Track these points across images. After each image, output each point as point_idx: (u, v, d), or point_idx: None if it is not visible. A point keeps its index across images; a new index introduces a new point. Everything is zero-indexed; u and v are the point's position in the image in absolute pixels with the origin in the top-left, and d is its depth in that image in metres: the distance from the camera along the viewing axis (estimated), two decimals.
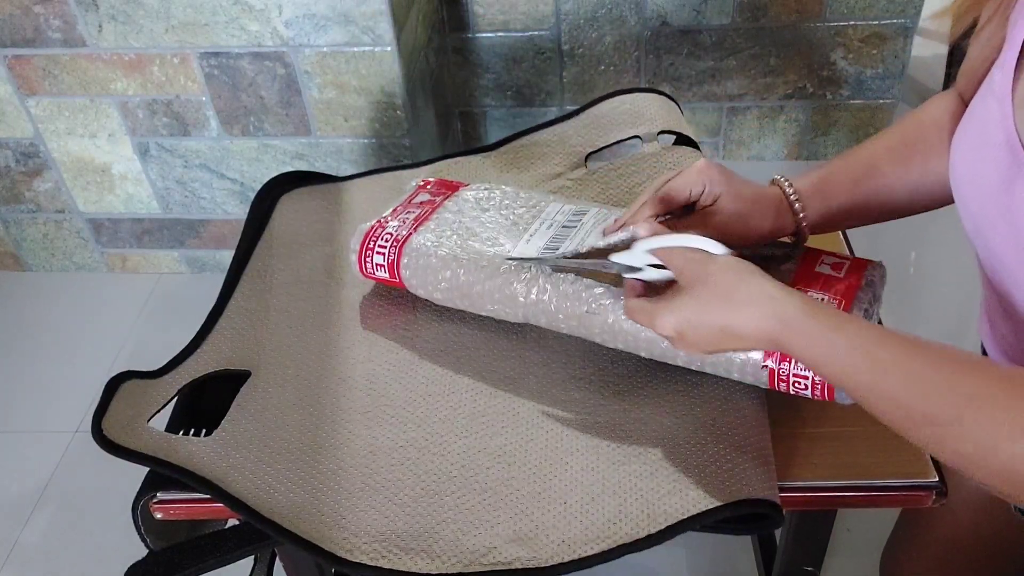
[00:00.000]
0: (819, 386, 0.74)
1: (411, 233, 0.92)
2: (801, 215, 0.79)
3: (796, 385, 0.75)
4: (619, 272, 0.76)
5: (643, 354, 0.82)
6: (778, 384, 0.76)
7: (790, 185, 0.80)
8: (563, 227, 0.89)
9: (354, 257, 0.93)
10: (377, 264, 0.92)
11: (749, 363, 0.76)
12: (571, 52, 2.11)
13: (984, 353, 0.81)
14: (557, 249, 0.86)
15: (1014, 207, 0.60)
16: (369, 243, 0.92)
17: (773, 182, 0.81)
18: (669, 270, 0.72)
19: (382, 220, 0.94)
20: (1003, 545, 0.86)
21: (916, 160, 0.78)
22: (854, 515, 1.45)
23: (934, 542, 0.91)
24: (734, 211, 0.78)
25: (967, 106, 0.73)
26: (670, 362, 0.81)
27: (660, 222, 0.78)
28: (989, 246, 0.65)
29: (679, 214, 0.80)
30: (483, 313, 0.89)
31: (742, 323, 0.64)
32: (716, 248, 0.71)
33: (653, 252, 0.74)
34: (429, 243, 0.90)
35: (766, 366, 0.75)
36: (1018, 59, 0.62)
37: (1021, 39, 0.61)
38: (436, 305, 0.94)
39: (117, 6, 1.64)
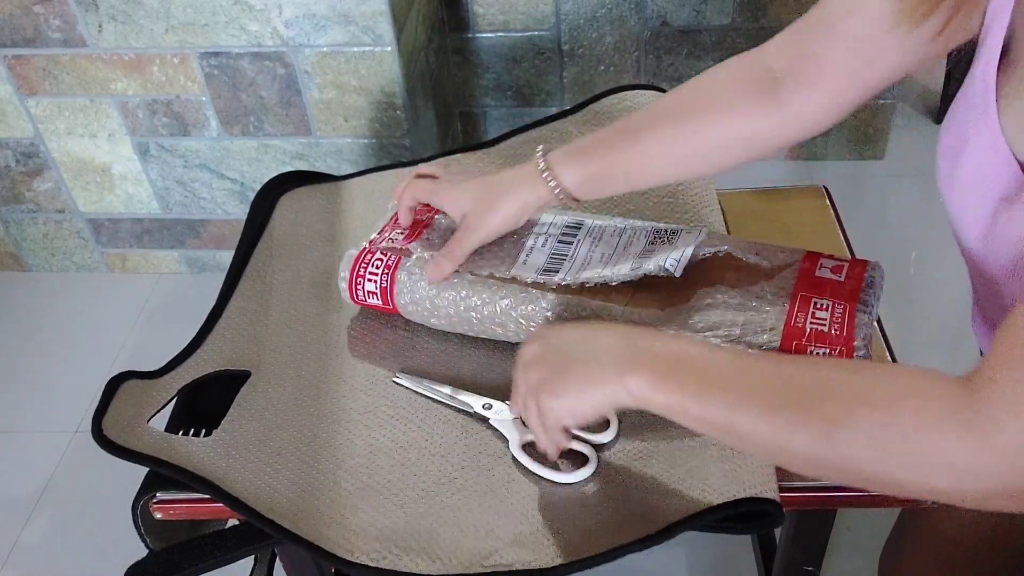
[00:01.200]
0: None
1: (401, 257, 0.88)
2: (552, 184, 0.81)
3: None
4: None
5: None
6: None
7: (543, 157, 0.81)
8: (559, 242, 0.88)
9: (344, 285, 0.90)
10: (369, 291, 0.88)
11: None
12: (571, 52, 2.11)
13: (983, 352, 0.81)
14: (556, 272, 0.84)
15: (997, 205, 0.59)
16: (359, 269, 0.88)
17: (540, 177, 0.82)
18: None
19: (370, 244, 0.90)
20: (1005, 543, 0.86)
21: (682, 129, 0.79)
22: (854, 515, 1.45)
23: (935, 540, 0.91)
24: (467, 210, 0.84)
25: (764, 73, 0.75)
26: None
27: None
28: (971, 245, 0.65)
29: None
30: (485, 336, 0.87)
31: (602, 347, 0.68)
32: None
33: None
34: (423, 267, 0.86)
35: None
36: (1001, 55, 0.61)
37: (1003, 34, 0.60)
38: None
39: (117, 6, 1.64)
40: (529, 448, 0.79)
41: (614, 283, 0.81)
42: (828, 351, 0.74)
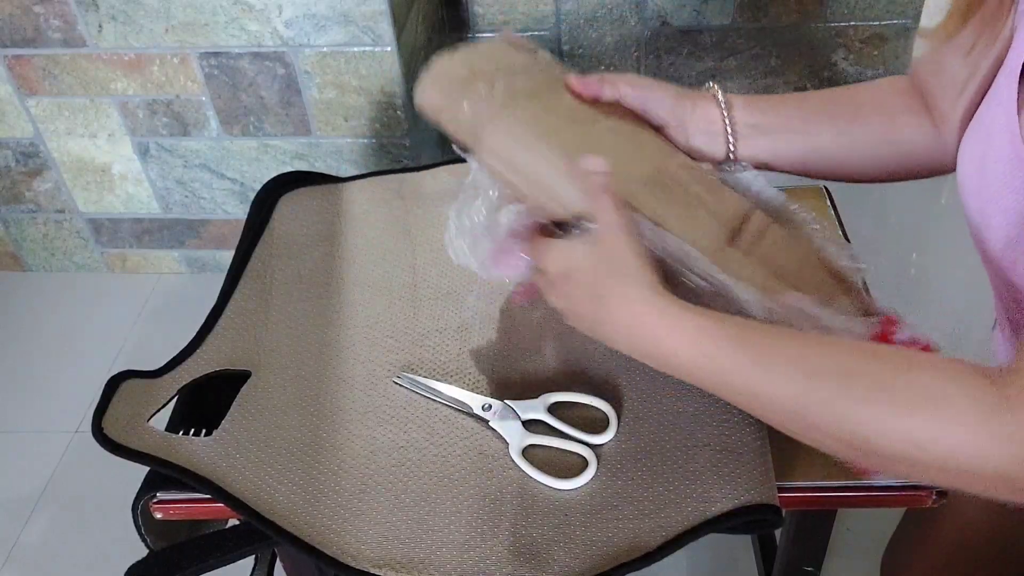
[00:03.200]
0: None
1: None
2: (731, 144, 0.80)
3: None
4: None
5: None
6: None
7: (730, 120, 0.80)
8: None
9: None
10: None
11: None
12: (571, 52, 2.11)
13: None
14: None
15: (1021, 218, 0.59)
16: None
17: (709, 94, 0.81)
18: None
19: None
20: (1013, 545, 0.86)
21: (858, 124, 0.80)
22: (854, 515, 1.45)
23: (939, 542, 0.91)
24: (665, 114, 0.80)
25: (920, 95, 0.76)
26: None
27: None
28: (996, 253, 0.65)
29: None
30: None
31: (620, 298, 0.64)
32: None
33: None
34: None
35: None
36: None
37: None
38: (434, 304, 0.94)
39: (117, 6, 1.64)
40: (528, 452, 0.79)
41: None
42: None
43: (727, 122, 0.80)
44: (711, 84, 0.82)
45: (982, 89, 0.68)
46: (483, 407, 0.82)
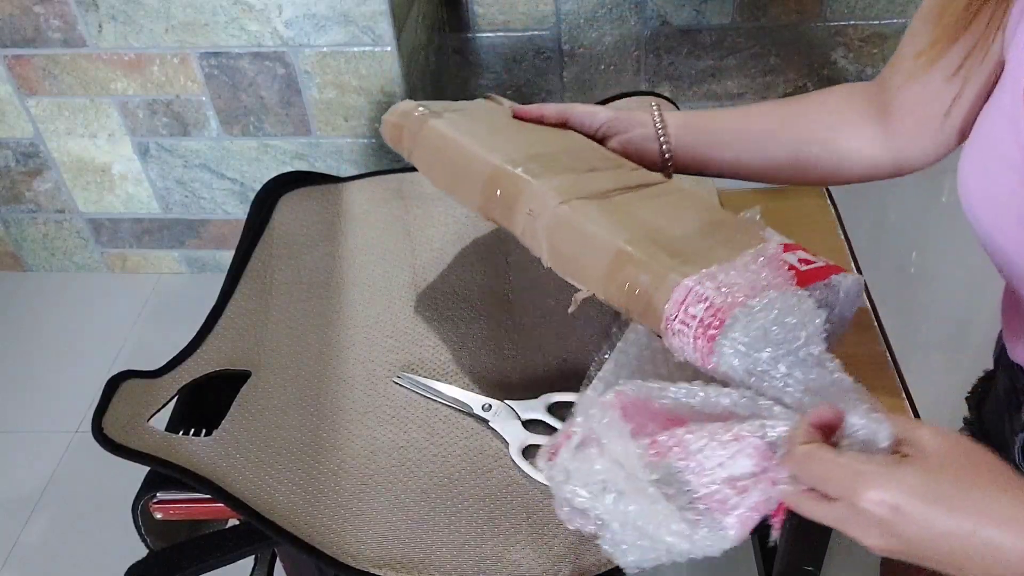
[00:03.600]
0: None
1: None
2: (666, 149, 0.83)
3: None
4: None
5: None
6: None
7: (661, 119, 0.83)
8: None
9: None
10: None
11: None
12: (571, 52, 2.11)
13: (998, 364, 0.81)
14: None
15: None
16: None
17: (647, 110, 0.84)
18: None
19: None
20: None
21: (797, 131, 0.81)
22: None
23: None
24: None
25: (885, 96, 0.76)
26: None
27: None
28: (1012, 267, 0.64)
29: None
30: None
31: (1000, 525, 0.48)
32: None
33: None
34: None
35: None
36: None
37: None
38: (434, 304, 0.94)
39: (117, 6, 1.64)
40: (528, 452, 0.79)
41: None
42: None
43: (658, 123, 0.83)
44: (656, 114, 0.85)
45: (980, 100, 0.68)
46: (483, 407, 0.82)
